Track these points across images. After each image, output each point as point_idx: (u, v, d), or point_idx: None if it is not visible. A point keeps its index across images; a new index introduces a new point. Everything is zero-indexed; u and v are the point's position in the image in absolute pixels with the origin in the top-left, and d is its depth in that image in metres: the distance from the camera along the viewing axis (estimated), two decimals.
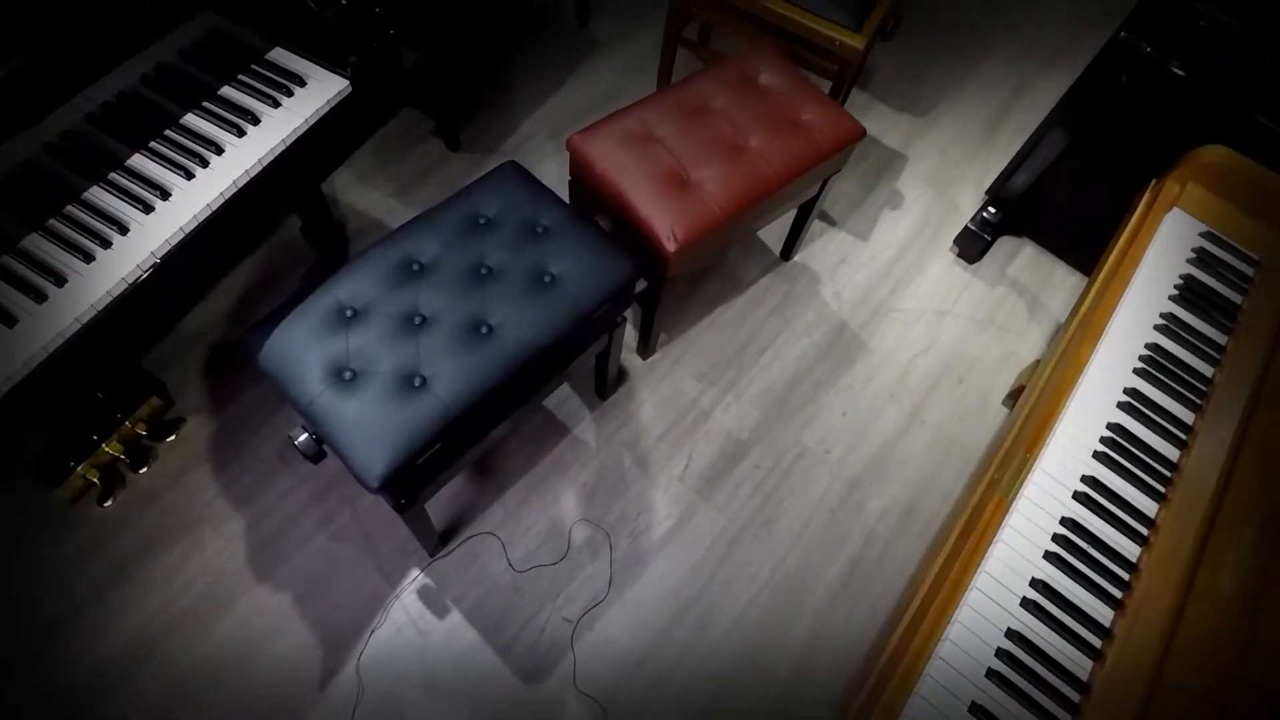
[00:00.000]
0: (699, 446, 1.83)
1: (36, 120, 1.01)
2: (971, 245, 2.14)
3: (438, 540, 1.63)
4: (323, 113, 1.21)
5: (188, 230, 1.08)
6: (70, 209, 1.05)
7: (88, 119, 1.08)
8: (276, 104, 1.19)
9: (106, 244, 1.03)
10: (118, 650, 1.48)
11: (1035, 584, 0.96)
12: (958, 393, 1.97)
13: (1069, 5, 2.80)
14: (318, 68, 1.23)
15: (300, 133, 1.18)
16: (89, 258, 1.02)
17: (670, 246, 1.47)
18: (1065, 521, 1.01)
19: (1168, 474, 1.06)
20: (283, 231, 1.94)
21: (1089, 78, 1.70)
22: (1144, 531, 1.01)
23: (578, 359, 1.48)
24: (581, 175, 1.60)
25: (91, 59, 1.04)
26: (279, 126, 1.17)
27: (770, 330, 2.01)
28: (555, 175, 2.14)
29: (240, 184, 1.12)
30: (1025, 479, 1.03)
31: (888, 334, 2.04)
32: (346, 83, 1.23)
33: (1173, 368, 1.16)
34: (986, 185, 2.29)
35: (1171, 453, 1.08)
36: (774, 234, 2.13)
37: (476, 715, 1.49)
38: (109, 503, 1.59)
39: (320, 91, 1.21)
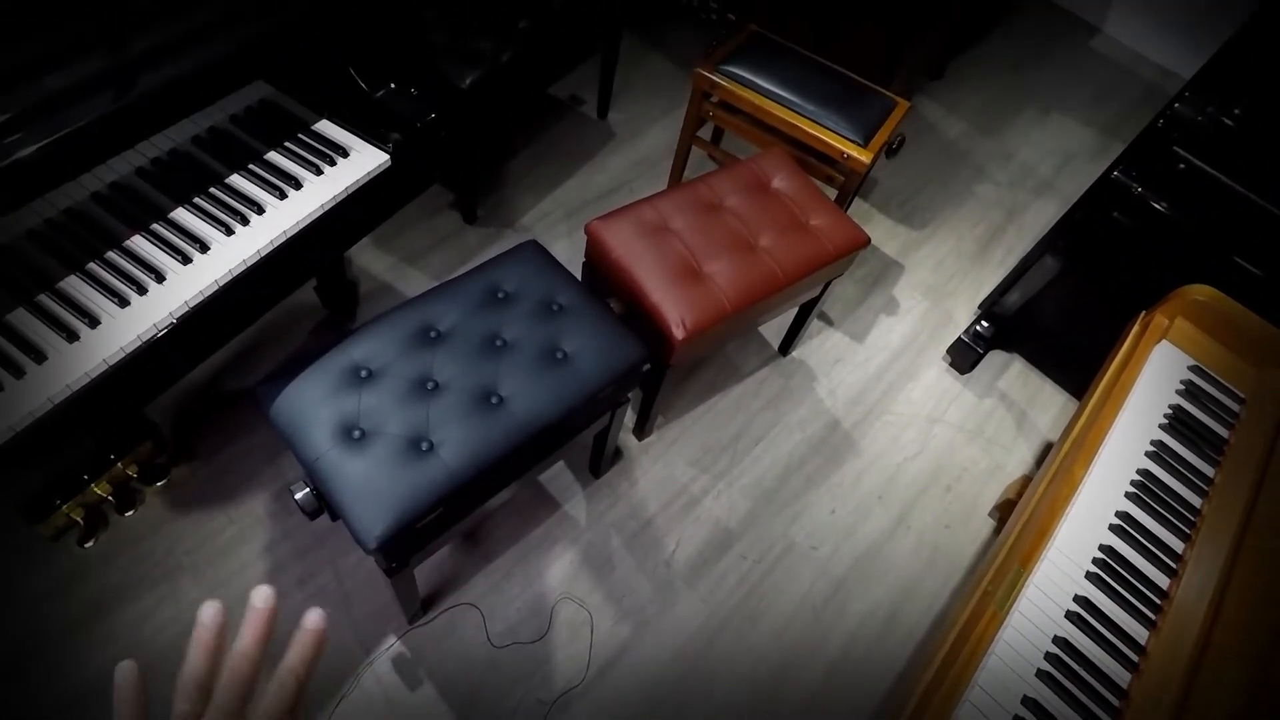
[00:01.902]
0: (687, 532, 1.83)
1: (86, 170, 1.05)
2: (963, 356, 2.21)
3: (419, 607, 1.60)
4: (362, 183, 1.26)
5: (221, 284, 1.11)
6: (111, 255, 1.08)
7: (137, 172, 1.13)
8: (319, 171, 1.24)
9: (143, 290, 1.06)
10: (80, 687, 1.42)
11: (1027, 702, 0.96)
12: (945, 500, 2.00)
13: (1060, 137, 2.99)
14: (361, 140, 1.30)
15: (340, 199, 1.23)
16: (124, 302, 1.04)
17: (679, 334, 1.52)
18: (1058, 640, 1.02)
19: (1158, 601, 1.08)
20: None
21: (1081, 210, 1.81)
22: (1134, 658, 1.02)
23: (577, 435, 1.49)
24: (597, 258, 1.66)
25: (148, 119, 1.09)
26: (320, 192, 1.22)
27: (764, 422, 2.04)
28: (566, 254, 2.21)
29: (277, 243, 1.16)
30: (1019, 593, 1.04)
31: (879, 436, 2.08)
32: (387, 157, 1.29)
33: (1163, 495, 1.20)
34: (980, 299, 2.38)
35: (1161, 580, 1.10)
36: (774, 329, 2.19)
37: None
38: (90, 544, 1.56)
39: (362, 163, 1.27)
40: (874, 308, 2.34)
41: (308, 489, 1.22)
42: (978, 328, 2.19)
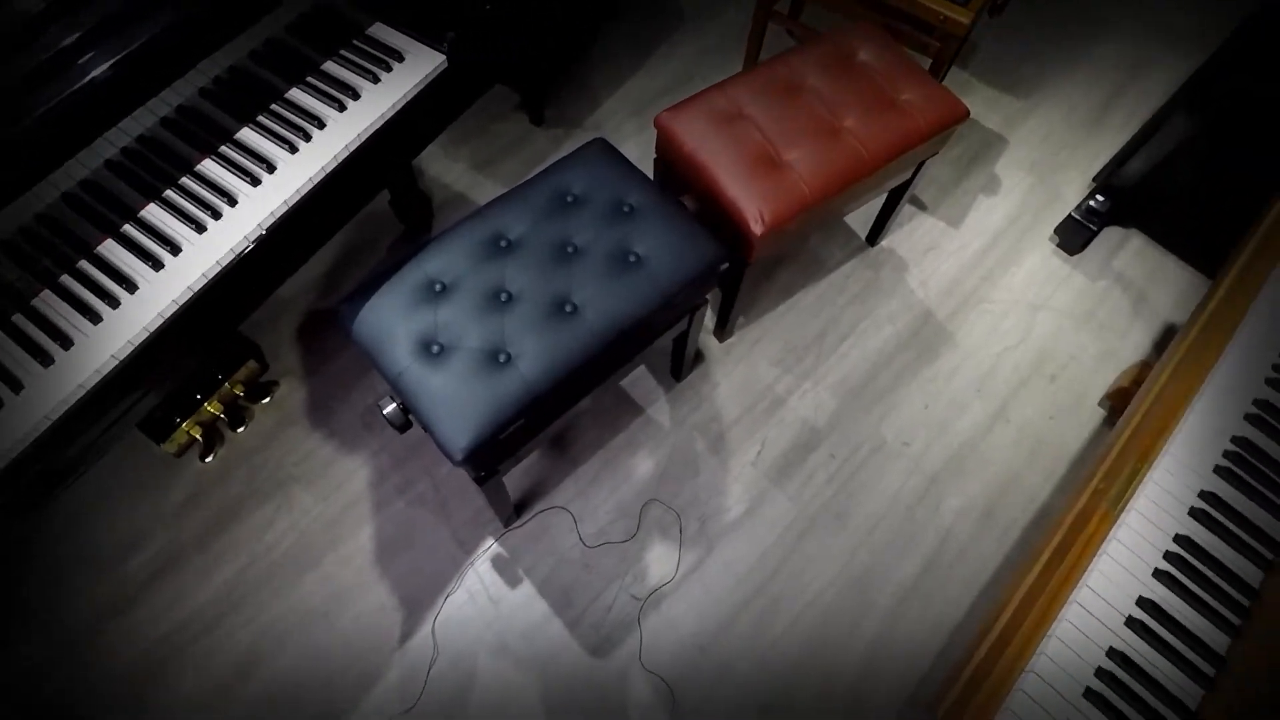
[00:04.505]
0: (773, 433, 1.80)
1: (154, 93, 1.05)
2: (1074, 235, 2.02)
3: (512, 512, 1.66)
4: (420, 88, 1.22)
5: (291, 203, 1.11)
6: (185, 181, 1.10)
7: (201, 93, 1.12)
8: (376, 79, 1.20)
9: (217, 214, 1.07)
10: (211, 598, 1.57)
11: (1143, 603, 0.90)
12: (1049, 391, 1.88)
13: None
14: (416, 43, 1.24)
15: (399, 107, 1.20)
16: (201, 228, 1.06)
17: (757, 229, 1.44)
18: (1180, 539, 0.95)
19: None
20: (370, 203, 1.98)
21: (1224, 61, 1.57)
22: (1269, 556, 0.94)
23: (656, 339, 1.46)
24: (668, 153, 1.58)
25: (205, 36, 1.07)
26: (378, 101, 1.19)
27: (851, 317, 1.95)
28: (637, 153, 2.12)
29: (340, 158, 1.15)
30: (1136, 491, 0.97)
31: (976, 326, 1.95)
32: (444, 58, 1.23)
33: None
34: (1094, 172, 2.16)
35: None
36: (860, 218, 2.06)
37: (544, 684, 1.52)
38: (210, 458, 1.68)
39: (418, 67, 1.22)
40: (972, 189, 2.16)
41: (394, 404, 1.25)
42: (1092, 202, 1.98)
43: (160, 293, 1.01)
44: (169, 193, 1.08)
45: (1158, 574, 0.92)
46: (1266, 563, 0.93)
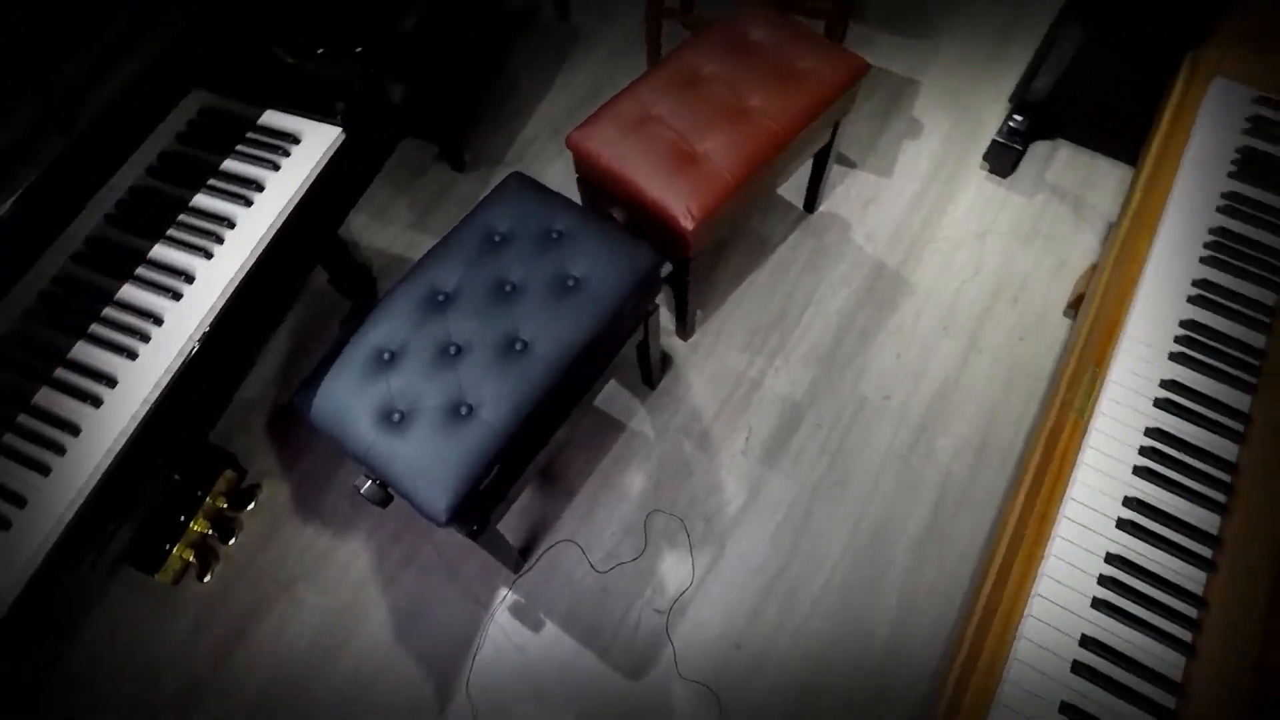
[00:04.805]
0: (756, 417, 1.80)
1: (59, 231, 1.04)
2: (1003, 158, 2.04)
3: (518, 557, 1.65)
4: (323, 164, 1.22)
5: (219, 308, 1.10)
6: (107, 311, 1.09)
7: (107, 220, 1.12)
8: (277, 167, 1.20)
9: (146, 338, 1.07)
10: (249, 705, 1.55)
11: (1129, 502, 0.91)
12: (1014, 313, 1.89)
13: None
14: (309, 121, 1.24)
15: (306, 188, 1.20)
16: (133, 355, 1.05)
17: (688, 224, 1.44)
18: (1151, 432, 0.95)
19: (1255, 362, 0.99)
20: (313, 285, 1.98)
21: None
22: (1239, 428, 0.95)
23: (617, 354, 1.46)
24: (587, 170, 1.58)
25: (98, 162, 1.07)
26: (285, 188, 1.19)
27: (806, 287, 1.96)
28: (565, 175, 2.12)
29: (259, 253, 1.14)
30: (1099, 395, 0.97)
31: (929, 267, 1.97)
32: (339, 130, 1.23)
33: (1243, 249, 1.08)
34: (1007, 95, 2.18)
35: (1256, 339, 1.01)
36: (794, 188, 2.07)
37: (591, 717, 1.51)
38: (208, 578, 1.66)
39: (316, 144, 1.22)
40: (895, 136, 2.18)
41: (370, 481, 1.24)
42: (1011, 123, 2.00)
43: (104, 429, 1.00)
44: (94, 327, 1.08)
45: (1137, 470, 0.92)
46: (1238, 435, 0.94)
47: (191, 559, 1.63)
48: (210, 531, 1.66)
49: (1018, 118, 1.99)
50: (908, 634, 1.56)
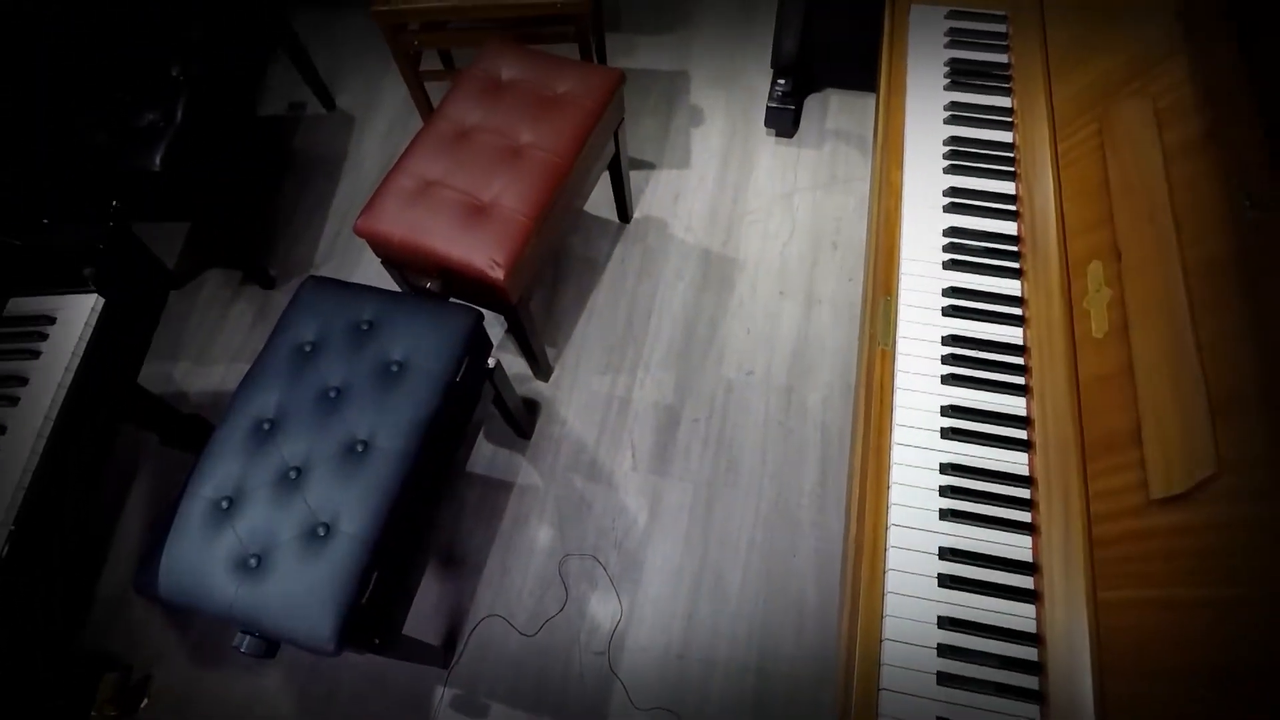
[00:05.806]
0: (635, 432, 1.81)
1: None
2: (782, 120, 2.16)
3: (441, 651, 1.59)
4: (88, 336, 1.14)
5: (10, 520, 1.00)
6: None
7: None
8: (37, 354, 1.12)
9: None
10: None
11: (947, 410, 0.97)
12: (837, 259, 2.00)
13: None
14: (59, 297, 1.16)
15: (76, 367, 1.11)
16: None
17: (498, 275, 1.44)
18: (947, 339, 1.02)
19: (1014, 249, 1.08)
20: (148, 451, 1.85)
21: None
22: (1018, 312, 1.03)
23: (470, 421, 1.44)
24: (386, 251, 1.56)
25: None
26: (51, 373, 1.11)
27: (645, 293, 2.00)
28: (375, 264, 2.07)
29: (40, 448, 1.05)
30: (895, 320, 1.04)
31: (750, 239, 2.05)
32: (95, 295, 1.16)
33: (976, 150, 1.18)
34: (769, 60, 2.30)
35: (1009, 228, 1.10)
36: (605, 204, 2.10)
37: None
38: None
39: (74, 319, 1.14)
40: (681, 127, 2.26)
41: (247, 636, 1.16)
42: (777, 87, 2.12)
43: None
44: None
45: (946, 379, 0.99)
46: (1019, 319, 1.02)
47: None
48: None
49: (781, 81, 2.11)
50: (833, 590, 1.61)
